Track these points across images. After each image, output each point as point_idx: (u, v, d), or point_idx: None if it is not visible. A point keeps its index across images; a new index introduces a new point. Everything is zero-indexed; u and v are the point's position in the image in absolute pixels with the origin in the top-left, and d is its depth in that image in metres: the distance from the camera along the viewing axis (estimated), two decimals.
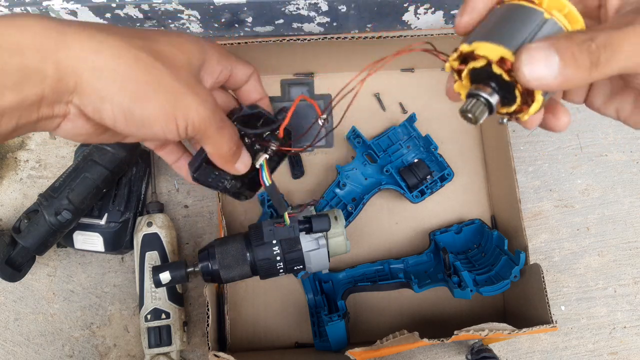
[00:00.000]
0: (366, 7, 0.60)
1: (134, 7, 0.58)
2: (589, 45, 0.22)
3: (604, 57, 0.22)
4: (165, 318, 0.62)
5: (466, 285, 0.58)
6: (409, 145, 0.70)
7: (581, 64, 0.22)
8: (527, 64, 0.23)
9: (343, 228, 0.54)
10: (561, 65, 0.22)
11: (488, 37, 0.25)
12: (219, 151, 0.35)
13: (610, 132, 0.77)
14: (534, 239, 0.73)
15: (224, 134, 0.34)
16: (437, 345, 0.69)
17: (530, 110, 0.26)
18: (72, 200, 0.59)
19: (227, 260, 0.50)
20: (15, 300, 0.69)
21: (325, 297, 0.66)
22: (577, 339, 0.71)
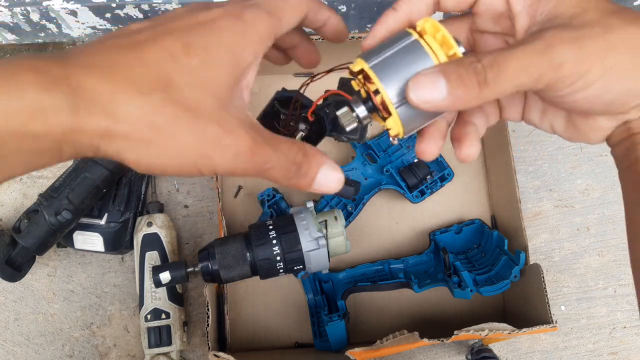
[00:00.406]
0: (366, 7, 0.60)
1: (134, 7, 0.58)
2: (475, 66, 0.23)
3: (490, 75, 0.23)
4: (165, 318, 0.62)
5: (466, 285, 0.58)
6: (409, 145, 0.70)
7: (468, 83, 0.23)
8: (413, 89, 0.24)
9: (343, 228, 0.54)
10: (449, 87, 0.23)
11: (363, 55, 0.27)
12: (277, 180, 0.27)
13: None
14: (534, 239, 0.73)
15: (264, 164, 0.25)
16: (437, 345, 0.69)
17: (387, 124, 0.27)
18: (72, 200, 0.59)
19: (227, 260, 0.50)
20: (15, 300, 0.69)
21: (325, 297, 0.66)
22: (577, 339, 0.71)
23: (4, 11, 0.59)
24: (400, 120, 0.26)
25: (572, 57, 0.23)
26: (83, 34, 0.65)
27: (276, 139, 0.26)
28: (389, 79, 0.26)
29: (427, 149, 0.30)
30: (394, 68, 0.25)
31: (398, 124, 0.27)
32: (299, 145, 0.26)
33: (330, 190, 0.28)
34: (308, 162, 0.26)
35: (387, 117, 0.27)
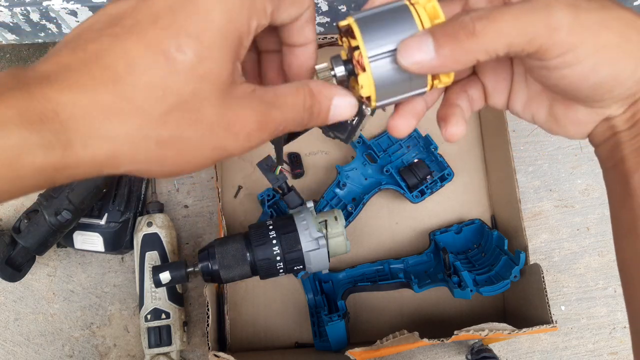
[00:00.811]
0: None
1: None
2: (462, 20, 0.23)
3: (479, 26, 0.22)
4: (165, 318, 0.62)
5: (466, 285, 0.58)
6: (409, 145, 0.70)
7: (456, 38, 0.22)
8: (401, 53, 0.24)
9: (343, 228, 0.54)
10: (436, 46, 0.23)
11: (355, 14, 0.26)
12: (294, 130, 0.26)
13: None
14: (534, 239, 0.73)
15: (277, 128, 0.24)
16: (437, 345, 0.69)
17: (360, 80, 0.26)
18: (72, 200, 0.59)
19: (227, 260, 0.50)
20: (15, 300, 0.69)
21: (325, 297, 0.66)
22: (577, 339, 0.71)
23: (4, 11, 0.59)
24: (374, 80, 0.25)
25: (567, 23, 0.22)
26: None
27: (280, 97, 0.24)
28: (369, 34, 0.25)
29: (398, 124, 0.28)
30: (377, 25, 0.25)
31: (370, 82, 0.25)
32: (303, 88, 0.25)
33: (347, 117, 0.27)
34: (318, 101, 0.26)
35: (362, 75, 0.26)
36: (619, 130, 0.26)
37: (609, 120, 0.27)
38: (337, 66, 0.27)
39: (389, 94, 0.26)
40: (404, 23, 0.25)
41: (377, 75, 0.25)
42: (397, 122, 0.28)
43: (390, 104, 0.27)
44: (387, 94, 0.26)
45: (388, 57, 0.25)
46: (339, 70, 0.27)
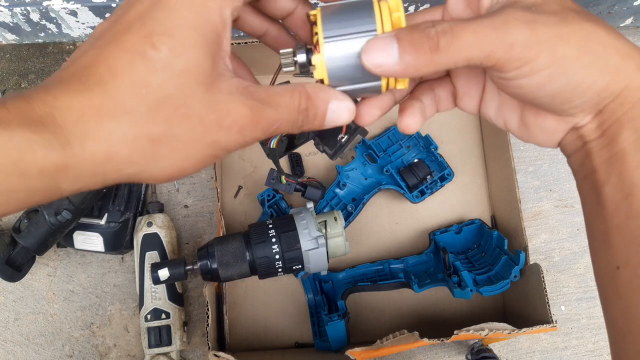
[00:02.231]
0: None
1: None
2: (428, 32, 0.23)
3: (442, 42, 0.23)
4: (165, 318, 0.62)
5: (466, 285, 0.58)
6: (409, 145, 0.70)
7: (420, 49, 0.23)
8: (365, 52, 0.24)
9: (342, 229, 0.54)
10: (400, 52, 0.23)
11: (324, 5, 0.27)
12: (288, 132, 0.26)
13: None
14: (534, 239, 0.73)
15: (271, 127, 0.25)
16: (437, 345, 0.69)
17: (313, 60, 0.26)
18: (72, 200, 0.59)
19: (226, 258, 0.50)
20: (15, 300, 0.69)
21: (325, 297, 0.66)
22: (577, 339, 0.71)
23: (4, 11, 0.59)
24: (325, 61, 0.25)
25: (524, 39, 0.23)
26: (83, 34, 0.65)
27: (274, 96, 0.25)
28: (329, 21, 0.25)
29: (363, 111, 0.29)
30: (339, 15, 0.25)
31: (323, 64, 0.25)
32: (299, 90, 0.25)
33: (344, 122, 0.27)
34: (314, 104, 0.26)
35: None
36: (588, 140, 0.26)
37: (577, 130, 0.27)
38: (300, 52, 0.27)
39: (342, 80, 0.26)
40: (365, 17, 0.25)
41: (329, 57, 0.25)
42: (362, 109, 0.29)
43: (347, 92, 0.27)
44: (340, 79, 0.26)
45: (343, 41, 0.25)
46: (301, 57, 0.27)
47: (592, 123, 0.26)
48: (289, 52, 0.27)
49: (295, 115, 0.25)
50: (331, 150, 0.47)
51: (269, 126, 0.24)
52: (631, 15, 0.66)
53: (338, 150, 0.34)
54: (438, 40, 0.23)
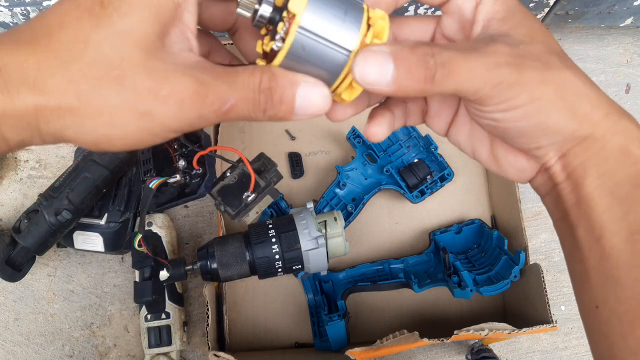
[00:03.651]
0: None
1: None
2: (427, 61, 0.23)
3: (439, 74, 0.23)
4: (165, 318, 0.62)
5: (466, 285, 0.58)
6: (409, 145, 0.70)
7: (415, 76, 0.23)
8: (359, 65, 0.23)
9: (342, 229, 0.54)
10: (395, 74, 0.23)
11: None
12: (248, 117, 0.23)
13: None
14: (534, 239, 0.73)
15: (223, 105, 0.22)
16: (437, 345, 0.69)
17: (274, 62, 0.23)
18: (72, 200, 0.59)
19: (226, 258, 0.50)
20: (15, 300, 0.69)
21: (325, 297, 0.66)
22: (577, 339, 0.71)
23: (4, 11, 0.59)
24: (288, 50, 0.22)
25: (510, 80, 0.24)
26: None
27: (232, 72, 0.22)
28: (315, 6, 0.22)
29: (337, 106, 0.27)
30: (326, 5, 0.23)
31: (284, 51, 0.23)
32: (262, 69, 0.23)
33: (317, 111, 0.24)
34: (279, 85, 0.23)
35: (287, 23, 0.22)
36: (558, 182, 0.27)
37: (547, 171, 0.27)
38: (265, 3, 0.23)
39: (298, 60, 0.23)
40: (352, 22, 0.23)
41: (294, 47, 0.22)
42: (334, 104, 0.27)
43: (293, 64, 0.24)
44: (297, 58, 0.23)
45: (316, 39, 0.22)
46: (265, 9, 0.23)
47: (558, 165, 0.26)
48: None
49: (254, 94, 0.22)
50: (233, 210, 0.44)
51: (220, 104, 0.22)
52: (631, 15, 0.66)
53: (242, 211, 0.32)
54: (435, 72, 0.23)
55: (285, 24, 0.22)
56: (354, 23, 0.23)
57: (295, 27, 0.22)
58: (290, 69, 0.23)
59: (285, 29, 0.22)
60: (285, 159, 0.73)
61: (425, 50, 0.23)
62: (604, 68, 0.79)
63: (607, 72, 0.79)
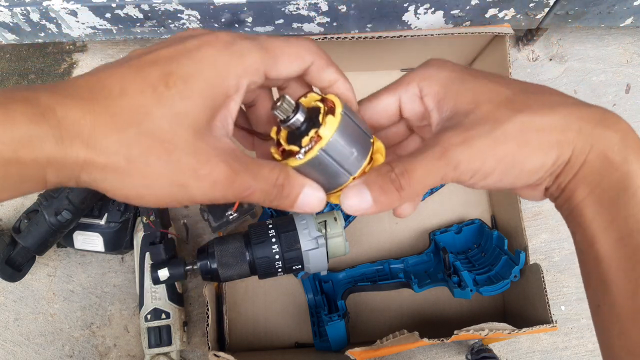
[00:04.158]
0: (366, 7, 0.60)
1: (134, 7, 0.58)
2: (390, 176, 0.26)
3: (403, 182, 0.26)
4: (165, 318, 0.62)
5: (466, 285, 0.58)
6: None
7: (388, 191, 0.27)
8: (345, 200, 0.27)
9: (342, 229, 0.53)
10: (374, 196, 0.27)
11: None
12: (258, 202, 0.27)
13: None
14: (534, 239, 0.73)
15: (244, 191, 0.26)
16: (437, 345, 0.69)
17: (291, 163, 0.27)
18: (72, 200, 0.59)
19: (226, 258, 0.50)
20: (15, 300, 0.69)
21: (325, 297, 0.66)
22: (577, 339, 0.71)
23: (4, 11, 0.59)
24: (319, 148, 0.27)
25: (465, 157, 0.26)
26: (83, 34, 0.65)
27: (258, 165, 0.26)
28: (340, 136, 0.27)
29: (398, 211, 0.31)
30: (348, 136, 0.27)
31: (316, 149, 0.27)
32: (281, 168, 0.27)
33: (312, 209, 0.28)
34: (290, 184, 0.27)
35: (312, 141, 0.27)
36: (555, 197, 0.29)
37: (547, 191, 0.29)
38: (300, 114, 0.27)
39: (314, 170, 0.28)
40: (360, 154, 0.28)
41: (312, 162, 0.27)
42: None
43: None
44: (314, 169, 0.28)
45: (330, 161, 0.27)
46: (298, 118, 0.27)
47: (554, 185, 0.28)
48: (292, 104, 0.27)
49: (270, 188, 0.26)
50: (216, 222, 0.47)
51: (243, 190, 0.25)
52: (631, 15, 0.66)
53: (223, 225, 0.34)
54: (400, 181, 0.26)
55: (312, 142, 0.27)
56: (362, 155, 0.28)
57: (318, 147, 0.27)
58: (300, 172, 0.28)
59: (311, 146, 0.27)
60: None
61: (386, 168, 0.27)
62: (604, 68, 0.79)
63: (607, 72, 0.79)
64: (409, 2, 0.60)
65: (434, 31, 0.60)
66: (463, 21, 0.64)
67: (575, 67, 0.79)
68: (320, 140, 0.27)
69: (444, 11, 0.62)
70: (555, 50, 0.80)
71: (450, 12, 0.62)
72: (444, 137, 0.27)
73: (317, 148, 0.27)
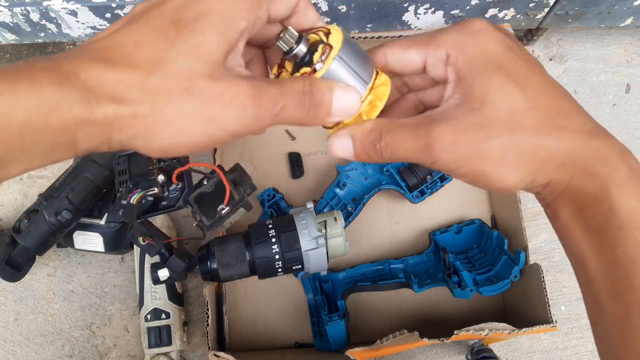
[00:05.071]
0: (366, 7, 0.60)
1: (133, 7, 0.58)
2: (375, 144, 0.28)
3: (385, 154, 0.28)
4: (165, 318, 0.62)
5: (466, 285, 0.58)
6: None
7: (369, 152, 0.29)
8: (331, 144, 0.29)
9: (342, 229, 0.54)
10: (355, 152, 0.29)
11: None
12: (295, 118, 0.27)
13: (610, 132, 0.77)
14: (534, 239, 0.73)
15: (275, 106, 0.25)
16: (437, 345, 0.69)
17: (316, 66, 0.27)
18: (72, 200, 0.59)
19: (226, 258, 0.50)
20: (15, 300, 0.69)
21: (325, 297, 0.66)
22: (577, 339, 0.71)
23: (4, 11, 0.59)
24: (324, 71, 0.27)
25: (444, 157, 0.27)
26: (83, 34, 0.65)
27: (278, 81, 0.26)
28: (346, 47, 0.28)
29: None
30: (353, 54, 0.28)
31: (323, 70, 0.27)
32: (303, 77, 0.27)
33: (350, 111, 0.28)
34: (318, 88, 0.26)
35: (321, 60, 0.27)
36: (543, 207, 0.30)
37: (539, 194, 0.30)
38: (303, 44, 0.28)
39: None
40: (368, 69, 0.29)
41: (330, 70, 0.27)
42: None
43: None
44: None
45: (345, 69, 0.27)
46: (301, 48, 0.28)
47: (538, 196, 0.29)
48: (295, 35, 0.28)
49: (300, 96, 0.26)
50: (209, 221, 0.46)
51: (274, 106, 0.25)
52: (631, 15, 0.66)
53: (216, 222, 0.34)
54: (382, 151, 0.28)
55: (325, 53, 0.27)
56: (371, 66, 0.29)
57: (334, 54, 0.27)
58: None
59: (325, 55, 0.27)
60: (285, 159, 0.73)
61: (375, 135, 0.28)
62: (604, 68, 0.79)
63: (607, 72, 0.79)
64: (409, 2, 0.60)
65: None
66: None
67: (575, 67, 0.79)
68: (332, 49, 0.27)
69: (444, 11, 0.62)
70: (555, 50, 0.80)
71: (450, 12, 0.62)
72: (437, 130, 0.27)
73: (333, 55, 0.27)
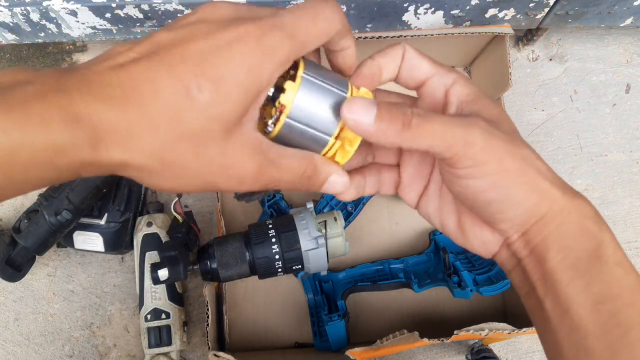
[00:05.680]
0: (366, 7, 0.60)
1: (134, 7, 0.58)
2: (405, 110, 0.26)
3: (415, 121, 0.26)
4: (165, 318, 0.62)
5: (466, 285, 0.58)
6: None
7: (394, 120, 0.26)
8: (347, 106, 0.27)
9: (342, 229, 0.54)
10: (377, 116, 0.26)
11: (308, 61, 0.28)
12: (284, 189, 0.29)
13: (610, 132, 0.77)
14: None
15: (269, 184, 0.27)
16: (437, 345, 0.69)
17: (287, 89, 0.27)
18: (72, 200, 0.59)
19: (226, 258, 0.50)
20: (15, 300, 0.69)
21: (325, 297, 0.66)
22: None
23: (4, 11, 0.59)
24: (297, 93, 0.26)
25: (481, 141, 0.26)
26: (83, 34, 0.65)
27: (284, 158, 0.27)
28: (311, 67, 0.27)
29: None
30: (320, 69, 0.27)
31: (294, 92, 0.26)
32: (308, 160, 0.28)
33: (336, 192, 0.30)
34: (318, 174, 0.28)
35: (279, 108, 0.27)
36: (522, 257, 0.29)
37: (510, 247, 0.29)
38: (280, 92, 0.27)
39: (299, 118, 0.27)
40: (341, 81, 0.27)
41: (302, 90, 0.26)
42: None
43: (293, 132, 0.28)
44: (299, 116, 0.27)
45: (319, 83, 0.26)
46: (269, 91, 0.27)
47: (520, 241, 0.28)
48: None
49: (297, 179, 0.28)
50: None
51: (269, 182, 0.27)
52: (631, 15, 0.66)
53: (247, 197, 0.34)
54: (412, 119, 0.26)
55: (277, 113, 0.26)
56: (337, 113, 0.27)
57: (284, 117, 0.26)
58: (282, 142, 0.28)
59: (276, 116, 0.27)
60: None
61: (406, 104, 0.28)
62: (604, 68, 0.79)
63: (607, 72, 0.79)
64: (409, 2, 0.60)
65: (434, 31, 0.60)
66: (463, 21, 0.64)
67: (575, 67, 0.79)
68: (283, 111, 0.26)
69: (444, 11, 0.62)
70: (555, 50, 0.80)
71: (450, 12, 0.62)
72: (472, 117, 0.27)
73: (283, 118, 0.26)
